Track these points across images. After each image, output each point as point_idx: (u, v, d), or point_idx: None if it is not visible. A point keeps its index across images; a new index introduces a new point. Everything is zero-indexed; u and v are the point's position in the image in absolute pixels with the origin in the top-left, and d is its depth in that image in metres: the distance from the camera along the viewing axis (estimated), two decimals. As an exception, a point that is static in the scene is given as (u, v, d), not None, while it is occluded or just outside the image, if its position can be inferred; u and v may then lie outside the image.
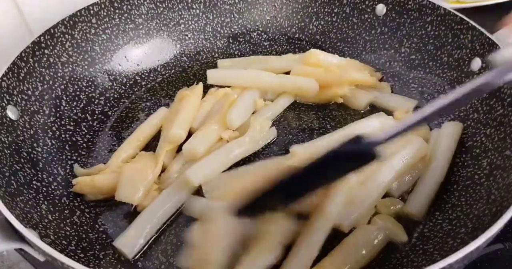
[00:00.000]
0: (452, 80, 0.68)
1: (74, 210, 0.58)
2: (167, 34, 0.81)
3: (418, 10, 0.72)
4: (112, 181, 0.59)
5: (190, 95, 0.69)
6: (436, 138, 0.63)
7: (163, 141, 0.64)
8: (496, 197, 0.52)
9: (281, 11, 0.84)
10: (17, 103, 0.61)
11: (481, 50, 0.64)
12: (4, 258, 0.60)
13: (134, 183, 0.58)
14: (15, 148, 0.58)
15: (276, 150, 0.66)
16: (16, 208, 0.50)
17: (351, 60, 0.76)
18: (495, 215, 0.47)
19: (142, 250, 0.55)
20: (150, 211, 0.57)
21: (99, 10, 0.73)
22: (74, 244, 0.53)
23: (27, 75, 0.63)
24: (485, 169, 0.57)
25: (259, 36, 0.85)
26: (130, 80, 0.77)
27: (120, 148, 0.65)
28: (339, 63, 0.74)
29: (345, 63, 0.74)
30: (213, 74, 0.73)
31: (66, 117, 0.68)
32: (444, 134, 0.63)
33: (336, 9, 0.81)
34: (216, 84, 0.73)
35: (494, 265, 0.54)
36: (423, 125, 0.60)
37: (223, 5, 0.83)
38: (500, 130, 0.58)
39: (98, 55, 0.75)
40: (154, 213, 0.57)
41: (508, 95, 0.58)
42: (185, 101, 0.67)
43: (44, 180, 0.59)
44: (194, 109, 0.67)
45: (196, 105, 0.68)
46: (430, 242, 0.53)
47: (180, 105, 0.67)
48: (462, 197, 0.57)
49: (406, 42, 0.75)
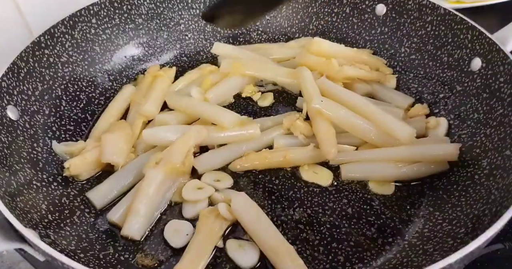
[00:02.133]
0: (452, 80, 0.68)
1: (74, 210, 0.58)
2: (167, 34, 0.81)
3: (418, 10, 0.72)
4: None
5: (164, 75, 0.73)
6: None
7: (136, 112, 0.69)
8: (496, 197, 0.51)
9: (281, 11, 0.84)
10: (17, 103, 0.61)
11: (481, 50, 0.64)
12: (4, 258, 0.60)
13: (115, 145, 0.61)
14: (15, 148, 0.58)
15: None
16: (16, 208, 0.50)
17: (362, 50, 0.76)
18: (495, 215, 0.47)
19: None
20: (125, 169, 0.61)
21: (99, 10, 0.73)
22: (74, 244, 0.53)
23: (27, 75, 0.63)
24: (485, 169, 0.57)
25: (259, 36, 0.85)
26: (130, 80, 0.77)
27: (97, 125, 0.69)
28: (345, 54, 0.74)
29: (353, 54, 0.74)
30: (219, 46, 0.76)
31: (66, 117, 0.68)
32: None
33: (336, 9, 0.81)
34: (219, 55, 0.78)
35: (494, 265, 0.54)
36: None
37: (223, 5, 0.83)
38: (500, 130, 0.58)
39: (98, 55, 0.75)
40: (129, 171, 0.61)
41: (508, 95, 0.58)
42: (159, 80, 0.72)
43: (44, 180, 0.59)
44: (166, 89, 0.72)
45: (168, 86, 0.73)
46: (430, 242, 0.53)
47: (154, 83, 0.72)
48: (462, 197, 0.57)
49: (406, 42, 0.75)
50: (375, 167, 0.61)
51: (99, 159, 0.61)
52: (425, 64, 0.72)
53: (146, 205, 0.56)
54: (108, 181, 0.60)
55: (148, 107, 0.67)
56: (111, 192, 0.59)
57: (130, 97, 0.72)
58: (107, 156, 0.60)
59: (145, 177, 0.57)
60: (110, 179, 0.61)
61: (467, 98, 0.65)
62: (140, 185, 0.57)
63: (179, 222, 0.57)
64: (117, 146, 0.61)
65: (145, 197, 0.56)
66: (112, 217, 0.56)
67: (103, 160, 0.61)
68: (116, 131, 0.63)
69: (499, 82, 0.60)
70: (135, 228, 0.54)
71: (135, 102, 0.71)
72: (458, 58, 0.68)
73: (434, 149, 0.60)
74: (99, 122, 0.69)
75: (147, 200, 0.56)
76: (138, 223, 0.55)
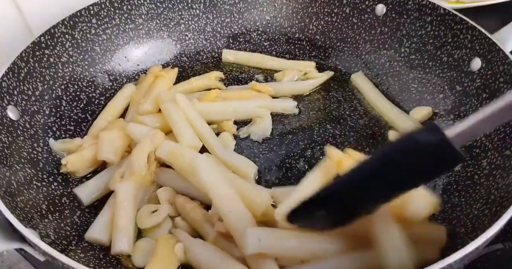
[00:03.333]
0: (452, 80, 0.68)
1: (74, 210, 0.58)
2: (167, 34, 0.81)
3: (418, 10, 0.72)
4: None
5: (165, 76, 0.73)
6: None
7: (135, 111, 0.69)
8: (496, 197, 0.51)
9: (281, 11, 0.84)
10: (17, 103, 0.61)
11: (481, 50, 0.64)
12: (4, 258, 0.60)
13: (111, 143, 0.61)
14: (15, 148, 0.58)
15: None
16: (16, 208, 0.50)
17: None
18: (495, 215, 0.47)
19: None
20: (115, 167, 0.60)
21: (99, 10, 0.73)
22: (74, 244, 0.53)
23: (27, 75, 0.63)
24: (485, 169, 0.57)
25: (259, 36, 0.85)
26: (130, 80, 0.77)
27: (95, 122, 0.69)
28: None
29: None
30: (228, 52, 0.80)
31: (66, 117, 0.68)
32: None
33: (336, 9, 0.81)
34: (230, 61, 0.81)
35: (494, 265, 0.54)
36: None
37: (223, 5, 0.83)
38: (500, 130, 0.58)
39: (98, 55, 0.75)
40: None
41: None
42: (160, 81, 0.72)
43: (44, 180, 0.59)
44: (166, 89, 0.71)
45: (168, 87, 0.73)
46: (430, 242, 0.53)
47: (155, 83, 0.72)
48: (462, 197, 0.57)
49: (406, 42, 0.75)
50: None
51: (95, 156, 0.61)
52: (425, 64, 0.72)
53: (127, 218, 0.54)
54: (96, 178, 0.60)
55: (146, 106, 0.68)
56: (98, 188, 0.59)
57: (130, 96, 0.73)
58: (103, 154, 0.60)
59: (116, 193, 0.55)
60: (98, 176, 0.61)
61: (467, 98, 0.65)
62: (114, 202, 0.55)
63: (151, 242, 0.54)
64: (113, 144, 0.61)
65: (124, 212, 0.54)
66: (93, 235, 0.54)
67: (99, 158, 0.61)
68: (113, 129, 0.63)
69: (499, 82, 0.60)
70: (124, 244, 0.53)
71: (134, 101, 0.71)
72: (458, 58, 0.68)
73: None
74: (97, 120, 0.69)
75: (127, 214, 0.54)
76: (126, 236, 0.53)
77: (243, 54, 0.82)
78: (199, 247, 0.52)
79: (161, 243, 0.52)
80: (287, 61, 0.81)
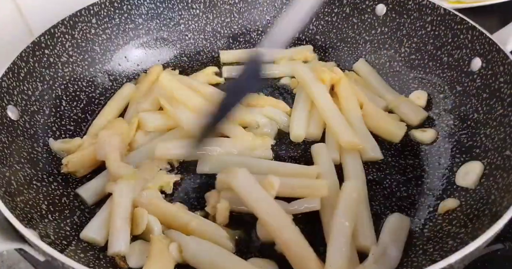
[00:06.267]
0: (452, 80, 0.68)
1: (74, 210, 0.58)
2: (167, 34, 0.81)
3: (418, 10, 0.72)
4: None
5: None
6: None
7: (134, 111, 0.69)
8: (496, 197, 0.51)
9: (281, 11, 0.84)
10: (17, 103, 0.61)
11: (481, 50, 0.64)
12: (4, 258, 0.60)
13: (111, 144, 0.61)
14: (15, 148, 0.58)
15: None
16: (16, 208, 0.50)
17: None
18: (495, 215, 0.47)
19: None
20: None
21: (99, 10, 0.73)
22: (74, 244, 0.53)
23: (27, 75, 0.63)
24: (485, 169, 0.57)
25: (259, 36, 0.85)
26: (130, 80, 0.77)
27: (95, 122, 0.69)
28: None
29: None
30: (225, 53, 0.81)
31: (66, 117, 0.68)
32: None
33: (336, 9, 0.81)
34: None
35: (494, 265, 0.54)
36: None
37: (223, 5, 0.83)
38: (500, 130, 0.58)
39: (98, 55, 0.75)
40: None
41: (508, 95, 0.58)
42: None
43: (44, 180, 0.59)
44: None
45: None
46: (430, 242, 0.53)
47: (155, 83, 0.72)
48: (462, 197, 0.57)
49: (406, 42, 0.75)
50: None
51: (95, 156, 0.61)
52: (425, 64, 0.72)
53: (123, 220, 0.54)
54: (99, 178, 0.61)
55: (145, 105, 0.68)
56: (102, 188, 0.59)
57: (129, 96, 0.73)
58: (103, 154, 0.60)
59: (113, 195, 0.56)
60: (100, 176, 0.61)
61: (467, 98, 0.65)
62: (112, 203, 0.56)
63: (145, 243, 0.54)
64: (112, 146, 0.61)
65: (121, 211, 0.54)
66: (89, 234, 0.54)
67: (99, 158, 0.61)
68: (113, 128, 0.64)
69: (499, 82, 0.60)
70: (121, 244, 0.53)
71: (134, 101, 0.71)
72: (458, 58, 0.68)
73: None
74: (97, 119, 0.69)
75: (123, 216, 0.54)
76: (123, 237, 0.53)
77: (240, 51, 0.82)
78: (195, 245, 0.52)
79: (156, 244, 0.52)
80: (284, 50, 0.79)
